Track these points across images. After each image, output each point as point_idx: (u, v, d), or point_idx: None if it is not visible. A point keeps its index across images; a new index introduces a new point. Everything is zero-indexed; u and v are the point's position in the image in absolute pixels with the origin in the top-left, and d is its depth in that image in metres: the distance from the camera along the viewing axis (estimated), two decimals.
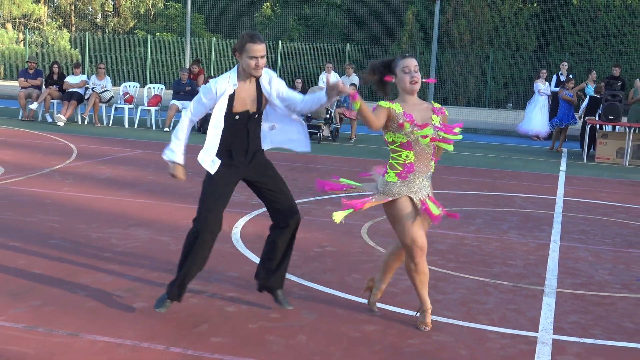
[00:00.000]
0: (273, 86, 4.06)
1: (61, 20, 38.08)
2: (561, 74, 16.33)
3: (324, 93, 4.02)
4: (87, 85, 15.16)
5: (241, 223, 6.42)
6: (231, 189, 4.06)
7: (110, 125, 14.90)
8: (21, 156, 9.73)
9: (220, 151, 4.01)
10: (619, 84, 13.98)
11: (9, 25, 34.67)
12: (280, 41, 27.86)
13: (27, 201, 6.91)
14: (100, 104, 15.04)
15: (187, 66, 17.73)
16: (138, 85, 16.16)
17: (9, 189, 7.46)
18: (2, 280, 4.50)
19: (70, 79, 15.11)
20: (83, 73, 16.16)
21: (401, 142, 3.88)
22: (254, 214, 6.81)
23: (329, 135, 14.00)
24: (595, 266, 5.71)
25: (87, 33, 30.00)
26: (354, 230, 6.46)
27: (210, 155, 4.00)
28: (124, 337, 3.69)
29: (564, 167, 12.00)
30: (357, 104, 3.66)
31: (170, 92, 15.54)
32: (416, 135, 3.84)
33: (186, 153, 4.10)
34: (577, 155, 13.87)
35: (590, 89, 14.70)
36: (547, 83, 16.31)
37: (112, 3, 39.01)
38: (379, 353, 3.67)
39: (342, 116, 14.62)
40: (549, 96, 16.21)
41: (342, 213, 3.88)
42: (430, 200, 3.94)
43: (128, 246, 5.50)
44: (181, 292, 4.03)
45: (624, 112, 13.45)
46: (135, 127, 14.82)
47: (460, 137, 3.97)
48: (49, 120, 14.84)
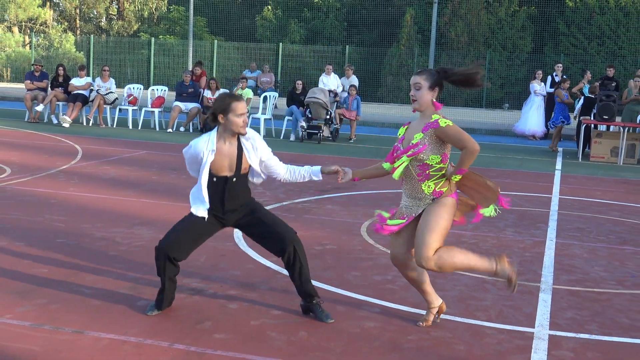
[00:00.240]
0: (258, 151, 4.06)
1: (66, 23, 38.18)
2: (556, 75, 16.40)
3: (318, 171, 4.10)
4: (91, 88, 15.22)
5: None
6: (207, 235, 4.13)
7: (114, 126, 14.96)
8: (27, 157, 9.78)
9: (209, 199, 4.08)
10: (613, 84, 14.06)
11: (15, 29, 34.80)
12: (281, 43, 27.91)
13: (33, 201, 6.97)
14: (105, 106, 15.11)
15: (190, 68, 17.80)
16: (142, 87, 16.20)
17: (16, 189, 7.52)
18: (9, 279, 4.55)
19: (75, 81, 15.18)
20: (88, 75, 16.19)
21: None
22: None
23: (329, 135, 14.04)
24: (590, 263, 5.74)
25: (92, 36, 30.04)
26: (353, 229, 6.50)
27: (198, 199, 4.10)
28: (129, 334, 3.73)
29: (559, 166, 12.00)
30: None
31: (174, 93, 15.57)
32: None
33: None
34: (572, 154, 13.90)
35: (586, 88, 14.75)
36: (542, 84, 16.35)
37: (116, 7, 39.09)
38: (378, 349, 3.71)
39: (341, 117, 14.66)
40: (544, 96, 16.27)
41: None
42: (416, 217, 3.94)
43: (132, 245, 5.54)
44: (161, 305, 4.09)
45: (618, 112, 13.54)
46: (139, 128, 14.86)
47: (405, 163, 3.85)
48: (55, 121, 14.91)
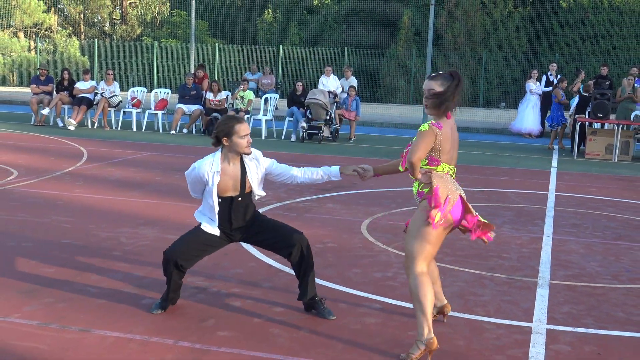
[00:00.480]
0: (261, 167, 4.13)
1: (71, 28, 38.27)
2: (550, 74, 16.51)
3: (337, 172, 4.11)
4: (96, 91, 15.30)
5: None
6: (215, 248, 4.19)
7: (118, 128, 15.02)
8: (34, 160, 9.86)
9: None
10: (607, 83, 14.11)
11: (21, 34, 34.92)
12: (281, 46, 27.98)
13: (39, 203, 7.04)
14: (109, 109, 15.19)
15: (192, 71, 17.87)
16: (145, 90, 16.29)
17: (23, 191, 7.60)
18: (17, 279, 4.61)
19: (80, 85, 15.26)
20: (92, 79, 16.27)
21: None
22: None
23: (329, 135, 14.08)
24: (586, 258, 5.78)
25: (96, 41, 30.17)
26: (354, 227, 6.54)
27: (207, 219, 4.16)
28: (134, 332, 3.78)
29: (555, 163, 12.03)
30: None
31: (176, 96, 15.66)
32: None
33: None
34: (567, 151, 13.94)
35: (581, 87, 14.83)
36: (538, 83, 16.43)
37: (120, 11, 39.21)
38: (379, 345, 3.75)
39: (341, 117, 14.71)
40: (540, 95, 16.38)
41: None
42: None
43: (137, 245, 5.60)
44: (166, 304, 4.17)
45: (613, 110, 13.59)
46: (143, 130, 14.94)
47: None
48: (60, 124, 14.99)
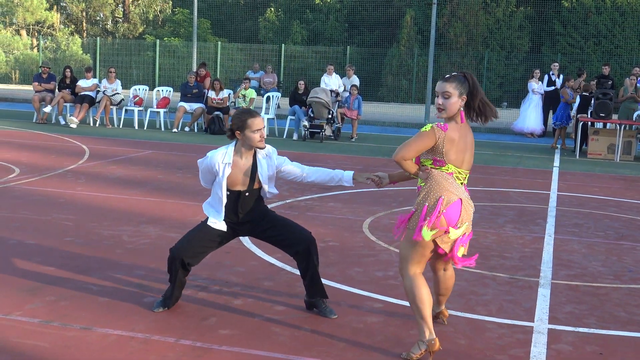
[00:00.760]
0: (274, 165, 4.12)
1: (73, 26, 38.33)
2: (552, 74, 16.52)
3: (350, 178, 4.09)
4: (98, 89, 15.32)
5: None
6: (221, 243, 4.19)
7: (120, 126, 15.05)
8: (36, 157, 9.86)
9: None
10: (609, 82, 14.09)
11: (23, 32, 35.00)
12: (283, 45, 28.01)
13: (42, 200, 7.04)
14: (111, 107, 15.21)
15: (194, 69, 17.88)
16: (147, 88, 16.30)
17: (25, 188, 7.60)
18: (19, 277, 4.62)
19: (82, 83, 15.29)
20: (94, 77, 16.36)
21: None
22: None
23: (331, 134, 14.10)
24: (588, 258, 5.78)
25: (98, 38, 30.17)
26: (355, 226, 6.54)
27: (215, 210, 4.14)
28: (136, 330, 3.79)
29: (557, 163, 12.04)
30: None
31: (178, 94, 15.70)
32: None
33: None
34: (569, 151, 13.95)
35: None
36: (540, 82, 16.44)
37: (122, 9, 39.24)
38: (381, 343, 3.75)
39: (343, 116, 14.73)
40: (542, 95, 16.39)
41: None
42: None
43: (139, 243, 5.61)
44: (168, 302, 4.17)
45: (615, 109, 13.58)
46: (145, 128, 14.94)
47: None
48: (62, 122, 15.01)
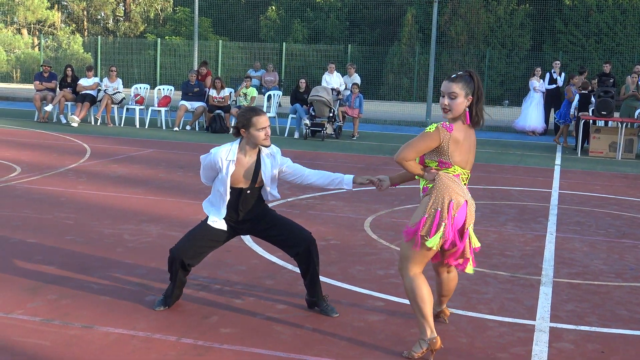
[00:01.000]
0: (277, 165, 4.11)
1: (74, 25, 38.36)
2: (554, 72, 16.53)
3: (350, 180, 4.07)
4: (99, 88, 15.33)
5: None
6: (221, 242, 4.18)
7: (121, 125, 15.05)
8: (37, 156, 9.87)
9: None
10: (611, 80, 14.07)
11: (24, 31, 35.04)
12: (284, 43, 28.04)
13: (43, 199, 7.05)
14: (112, 105, 15.21)
15: (195, 68, 17.89)
16: (148, 86, 16.30)
17: (26, 187, 7.61)
18: (20, 275, 4.63)
19: (83, 82, 15.29)
20: (95, 76, 16.29)
21: None
22: None
23: (332, 132, 14.11)
24: (590, 256, 5.78)
25: (99, 37, 30.17)
26: (357, 224, 6.54)
27: (215, 208, 4.12)
28: (137, 329, 3.79)
29: (558, 161, 12.04)
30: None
31: (180, 93, 15.69)
32: None
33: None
34: (571, 149, 13.96)
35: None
36: (541, 80, 16.44)
37: (123, 8, 39.25)
38: (382, 342, 3.75)
39: (344, 114, 14.73)
40: (543, 93, 16.38)
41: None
42: None
43: (140, 242, 5.61)
44: (169, 301, 4.17)
45: (616, 107, 13.58)
46: (146, 127, 14.95)
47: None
48: (63, 121, 15.01)
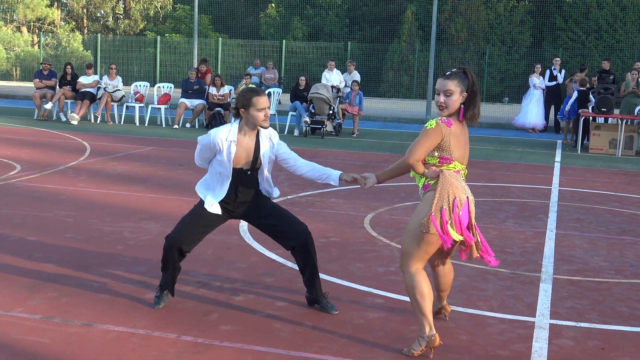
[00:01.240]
0: (274, 148, 4.09)
1: (74, 23, 38.34)
2: (554, 69, 16.54)
3: (337, 177, 4.03)
4: (99, 85, 15.33)
5: None
6: (214, 227, 4.16)
7: (121, 123, 15.06)
8: (37, 154, 9.88)
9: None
10: (611, 77, 14.06)
11: (24, 29, 35.05)
12: (284, 40, 28.06)
13: (42, 197, 7.05)
14: (112, 103, 15.21)
15: (195, 66, 17.88)
16: (148, 84, 16.31)
17: (26, 185, 7.61)
18: (20, 273, 4.63)
19: (83, 79, 15.29)
20: (95, 73, 16.30)
21: None
22: None
23: (332, 130, 14.12)
24: (590, 253, 5.78)
25: (99, 35, 30.17)
26: (356, 221, 6.55)
27: (213, 190, 4.10)
28: (137, 327, 3.79)
29: (558, 158, 12.04)
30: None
31: (179, 90, 15.70)
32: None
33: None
34: (571, 146, 13.95)
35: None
36: (541, 77, 16.45)
37: (123, 6, 39.21)
38: (382, 339, 3.76)
39: (344, 112, 14.72)
40: (543, 90, 16.39)
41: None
42: None
43: (140, 239, 5.62)
44: (170, 289, 4.16)
45: (616, 104, 13.58)
46: (146, 124, 14.96)
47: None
48: (63, 119, 15.01)
